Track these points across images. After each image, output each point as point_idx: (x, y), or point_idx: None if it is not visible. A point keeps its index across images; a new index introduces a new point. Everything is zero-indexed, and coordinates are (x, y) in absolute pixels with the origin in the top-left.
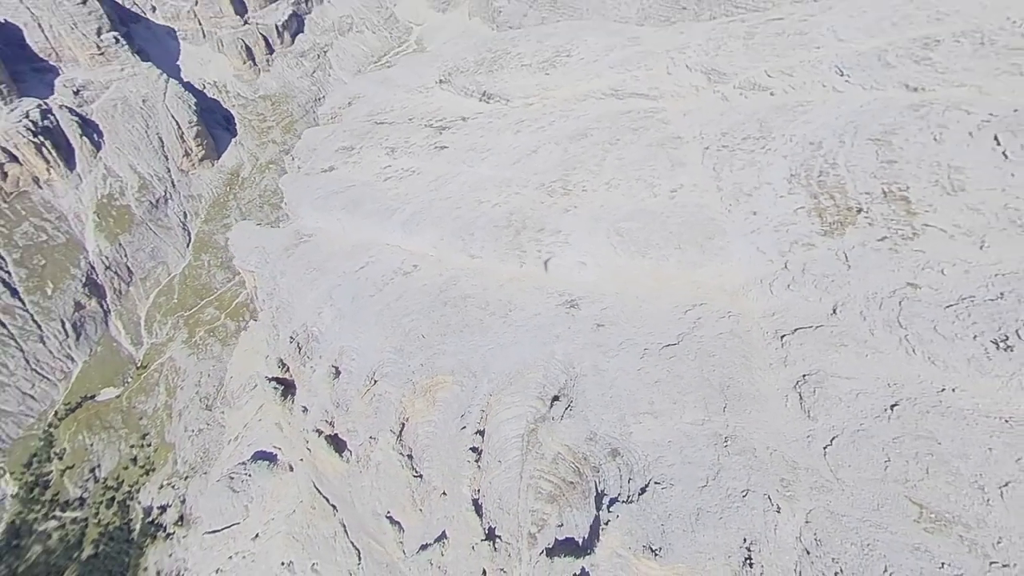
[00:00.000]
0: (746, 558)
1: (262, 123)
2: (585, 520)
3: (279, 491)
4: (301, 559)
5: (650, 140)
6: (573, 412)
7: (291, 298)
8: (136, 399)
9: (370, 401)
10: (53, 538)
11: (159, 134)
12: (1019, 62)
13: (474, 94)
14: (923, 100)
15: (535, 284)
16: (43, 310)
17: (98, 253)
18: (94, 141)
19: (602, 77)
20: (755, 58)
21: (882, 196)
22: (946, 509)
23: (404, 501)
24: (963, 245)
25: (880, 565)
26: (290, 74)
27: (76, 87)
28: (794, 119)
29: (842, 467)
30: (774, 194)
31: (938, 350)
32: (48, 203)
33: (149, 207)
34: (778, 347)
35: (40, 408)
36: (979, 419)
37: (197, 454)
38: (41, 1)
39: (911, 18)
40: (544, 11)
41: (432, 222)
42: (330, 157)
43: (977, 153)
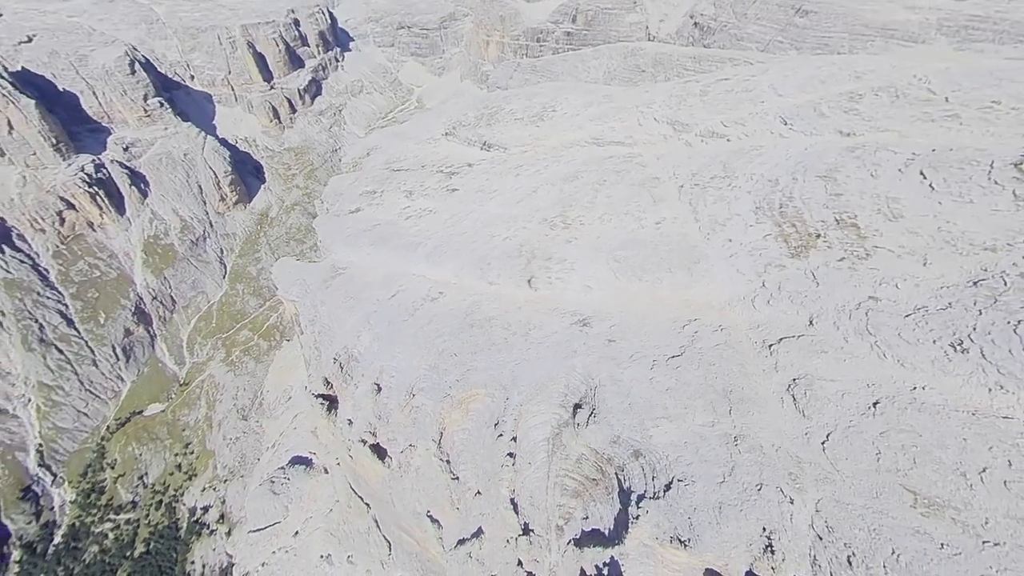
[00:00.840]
0: (767, 545)
1: (287, 171)
2: (609, 513)
3: (315, 492)
4: (338, 552)
5: (632, 180)
6: (597, 418)
7: (331, 324)
8: (179, 412)
9: (409, 413)
10: (109, 538)
11: (198, 182)
12: (929, 111)
13: (476, 144)
14: (856, 143)
15: (549, 306)
16: (96, 337)
17: (145, 286)
18: (141, 190)
19: (584, 128)
20: (711, 111)
21: (835, 223)
22: (936, 495)
23: (443, 501)
24: (909, 263)
25: (888, 547)
26: (310, 129)
27: (126, 144)
28: (751, 161)
29: (840, 460)
30: (744, 224)
31: (905, 353)
32: (101, 244)
33: (190, 245)
34: (767, 355)
35: (93, 424)
36: (950, 413)
37: (235, 459)
38: (95, 72)
39: (835, 77)
40: (526, 74)
41: (452, 254)
42: (356, 200)
43: (908, 186)
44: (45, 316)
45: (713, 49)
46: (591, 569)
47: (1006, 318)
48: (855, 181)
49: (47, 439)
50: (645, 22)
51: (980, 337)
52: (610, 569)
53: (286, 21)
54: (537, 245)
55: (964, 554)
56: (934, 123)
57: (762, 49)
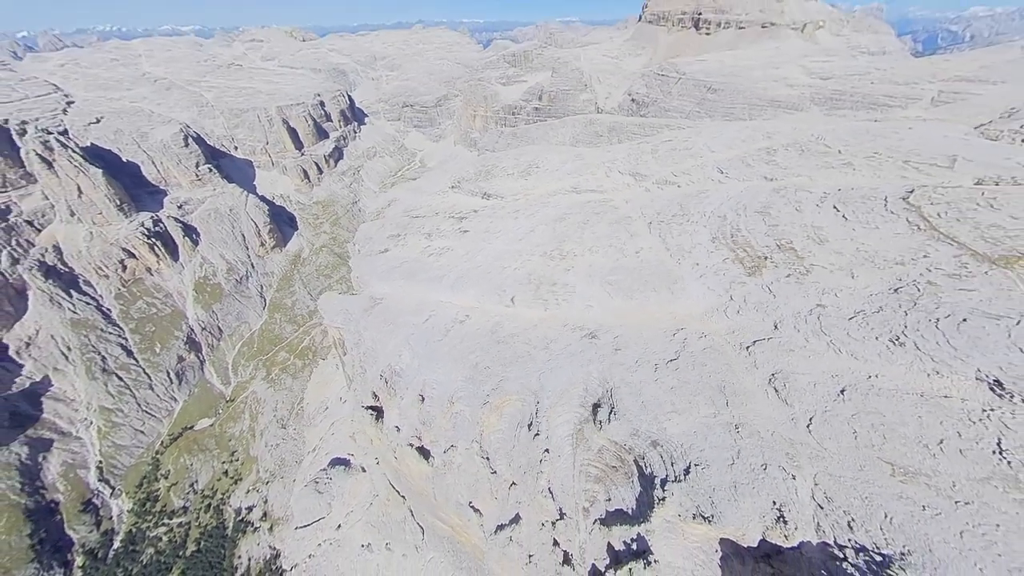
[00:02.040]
0: (778, 517)
1: (316, 220)
2: (631, 495)
3: (355, 489)
4: (377, 540)
5: (609, 219)
6: (618, 415)
7: (375, 346)
8: (226, 425)
9: (450, 419)
10: (163, 540)
11: (242, 232)
12: (828, 160)
13: (478, 194)
14: (779, 186)
15: (560, 323)
16: (152, 365)
17: (196, 319)
18: (193, 239)
19: (564, 180)
20: (662, 164)
21: (777, 247)
22: (908, 464)
23: (483, 493)
24: (840, 276)
25: (880, 512)
26: (335, 186)
27: (180, 203)
28: (701, 202)
29: (825, 440)
30: (706, 251)
31: (856, 349)
32: (157, 285)
33: (235, 283)
34: (746, 355)
35: (149, 440)
36: (903, 396)
37: (275, 463)
38: (154, 146)
39: (752, 137)
40: (508, 140)
41: (472, 283)
42: (383, 242)
43: (826, 217)
44: (107, 349)
45: (649, 118)
46: (619, 544)
47: (927, 317)
48: (785, 214)
49: (107, 456)
50: (594, 99)
51: (911, 333)
52: (638, 544)
53: (313, 102)
54: (542, 273)
55: (943, 513)
56: (834, 169)
57: (684, 117)
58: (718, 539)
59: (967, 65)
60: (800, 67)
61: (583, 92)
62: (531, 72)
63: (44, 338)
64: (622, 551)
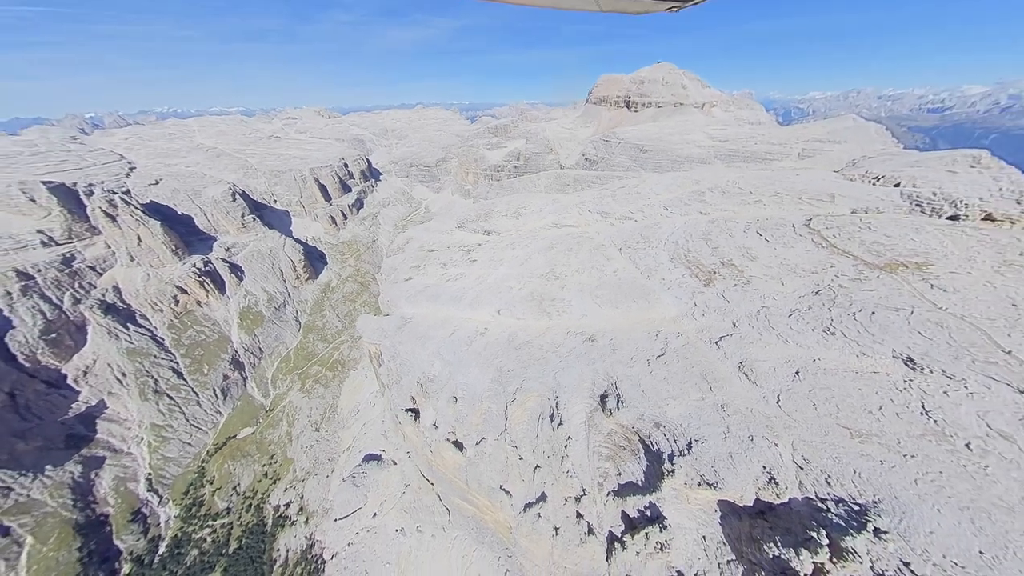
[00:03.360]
0: (769, 479)
1: (342, 256)
2: (639, 469)
3: (387, 480)
4: (409, 524)
5: (589, 247)
6: (625, 403)
7: (409, 357)
8: (266, 432)
9: (480, 415)
10: (207, 542)
11: (280, 268)
12: (744, 198)
13: (479, 231)
14: (712, 219)
15: (563, 330)
16: (200, 384)
17: (240, 343)
18: (239, 276)
19: (547, 218)
20: (620, 204)
21: (721, 264)
22: (860, 428)
23: (512, 476)
24: (774, 284)
25: (850, 469)
26: (357, 229)
27: (227, 247)
28: (656, 232)
29: (793, 412)
30: (668, 269)
31: (799, 339)
32: (206, 316)
33: (274, 310)
34: (717, 348)
35: (195, 451)
36: (843, 373)
37: (310, 462)
38: (206, 201)
39: (684, 184)
40: (497, 190)
41: (487, 302)
42: (406, 272)
43: (752, 240)
44: (160, 373)
45: (600, 171)
46: (633, 512)
47: (846, 311)
48: (722, 239)
49: (156, 468)
50: (558, 159)
51: (838, 324)
52: (651, 511)
53: (339, 164)
54: (543, 291)
55: (897, 466)
56: (749, 205)
57: (626, 170)
58: (717, 501)
59: (818, 130)
60: (704, 133)
61: (549, 154)
62: (509, 140)
63: (101, 366)
64: (636, 518)
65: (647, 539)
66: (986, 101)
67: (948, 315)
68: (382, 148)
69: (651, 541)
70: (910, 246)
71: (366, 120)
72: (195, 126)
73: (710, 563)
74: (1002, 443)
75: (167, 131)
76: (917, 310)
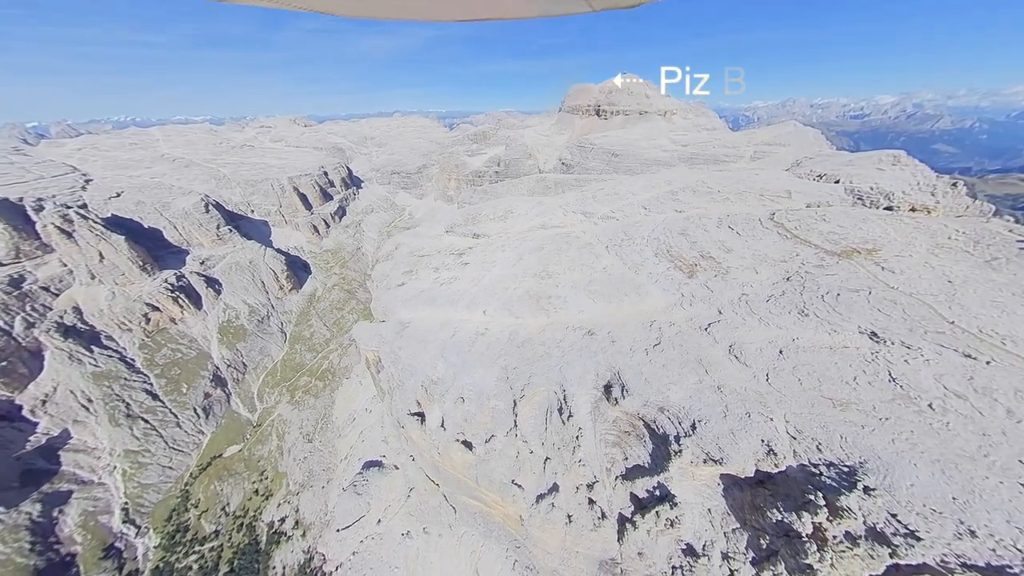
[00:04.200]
0: (768, 451)
1: (326, 264)
2: (645, 452)
3: (390, 485)
4: (416, 527)
5: (577, 246)
6: (629, 392)
7: (411, 361)
8: (254, 448)
9: (488, 413)
10: (193, 570)
11: (261, 279)
12: (713, 196)
13: (469, 235)
14: (688, 215)
15: (562, 326)
16: (179, 404)
17: (221, 358)
18: (216, 289)
19: (534, 220)
20: (602, 205)
21: (701, 257)
22: (840, 397)
23: (524, 470)
24: (749, 273)
25: (836, 435)
26: (341, 237)
27: (202, 260)
28: (637, 230)
29: (782, 388)
30: (653, 263)
31: (778, 321)
32: (182, 333)
33: (257, 323)
34: (707, 334)
35: (177, 474)
36: (819, 350)
37: (304, 475)
38: (176, 213)
39: (657, 185)
40: (480, 195)
41: (483, 303)
42: (399, 278)
43: (726, 234)
44: (132, 396)
45: (577, 175)
46: (642, 493)
47: (815, 294)
48: (699, 234)
49: (132, 497)
50: (537, 164)
51: (810, 306)
52: (659, 491)
53: (319, 173)
54: (538, 290)
55: (876, 429)
56: (719, 203)
57: (600, 173)
58: (719, 475)
59: (765, 135)
60: (668, 139)
61: (528, 159)
62: (489, 147)
63: (62, 394)
64: (645, 498)
65: (658, 517)
66: (895, 109)
67: (899, 293)
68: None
69: (661, 518)
70: (860, 234)
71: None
72: (159, 135)
73: (716, 533)
74: (957, 401)
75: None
76: (874, 290)
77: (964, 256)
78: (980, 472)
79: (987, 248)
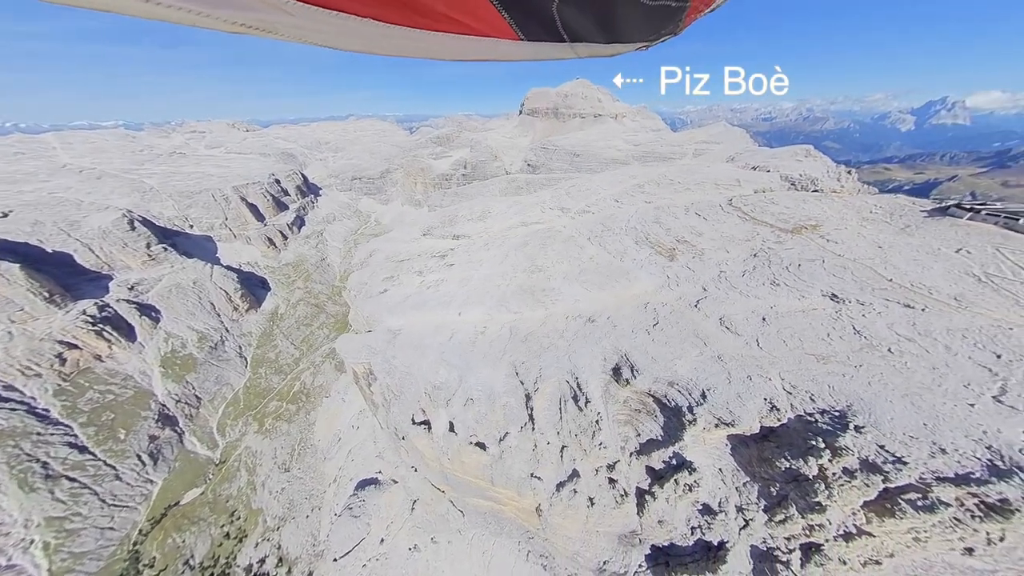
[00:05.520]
0: (771, 408)
1: (288, 279)
2: (656, 426)
3: (390, 500)
4: (423, 539)
5: (560, 240)
6: (639, 371)
7: (409, 369)
8: (219, 488)
9: (500, 410)
10: None
11: (211, 301)
12: (676, 188)
13: (448, 237)
14: (657, 205)
15: (561, 316)
16: (116, 454)
17: (167, 394)
18: (153, 317)
19: (513, 218)
20: (576, 201)
21: (677, 242)
22: (821, 353)
23: (542, 462)
24: (722, 253)
25: (825, 386)
26: (301, 248)
27: (131, 285)
28: (615, 220)
29: (772, 351)
30: (635, 251)
31: (755, 292)
32: (112, 371)
33: (209, 350)
34: (698, 311)
35: (121, 534)
36: (794, 314)
37: (284, 507)
38: (91, 233)
39: (623, 180)
40: (452, 198)
41: (477, 302)
42: (380, 285)
43: (694, 219)
44: (49, 453)
45: (542, 175)
46: (659, 464)
47: (781, 266)
48: (671, 221)
49: (61, 573)
50: (504, 165)
51: (779, 277)
52: (676, 459)
53: (269, 180)
54: (531, 284)
55: (854, 376)
56: (681, 193)
57: (564, 172)
58: (727, 437)
59: (702, 135)
60: (621, 139)
61: (495, 161)
62: (454, 149)
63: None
64: (661, 468)
65: (676, 484)
66: (794, 113)
67: (846, 260)
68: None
69: (680, 485)
70: (803, 213)
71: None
72: (55, 143)
73: (729, 490)
74: (908, 344)
75: (11, 149)
76: (826, 259)
77: (885, 226)
78: (938, 400)
79: (900, 219)
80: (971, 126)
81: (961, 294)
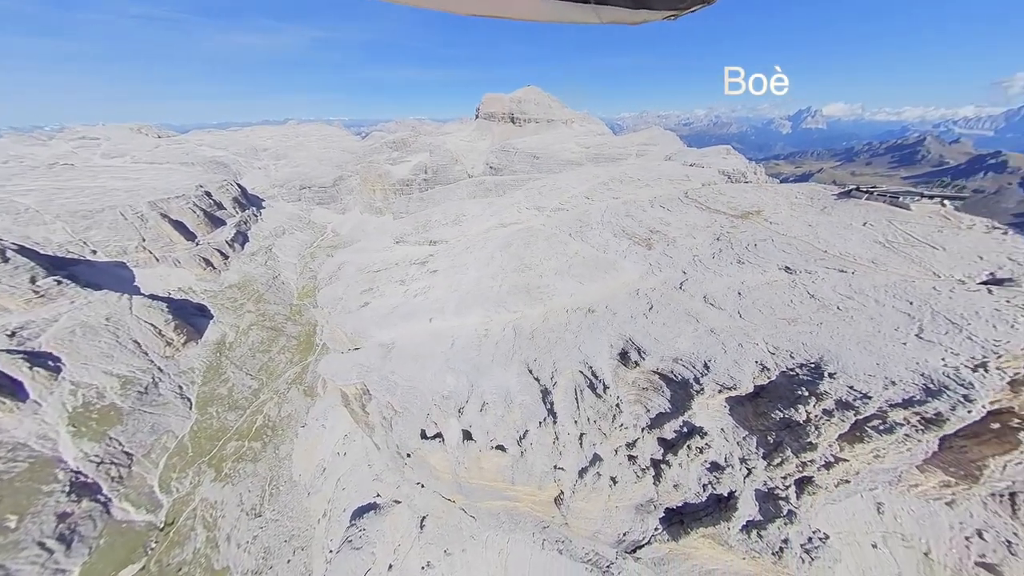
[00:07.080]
0: (762, 368)
1: (235, 303)
2: (664, 401)
3: (395, 523)
4: (436, 555)
5: (542, 238)
6: (647, 353)
7: (411, 383)
8: (168, 556)
9: (517, 409)
10: None
11: (133, 339)
12: (636, 184)
13: (424, 243)
14: (625, 200)
15: (561, 310)
16: (9, 545)
17: (82, 457)
18: (50, 367)
19: (490, 220)
20: (549, 200)
21: (650, 232)
22: (791, 316)
23: (565, 452)
24: (691, 240)
25: (799, 343)
26: (247, 267)
27: (11, 331)
28: (589, 216)
29: (753, 320)
30: (615, 243)
31: (726, 271)
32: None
33: (137, 396)
34: (683, 292)
35: None
36: (762, 287)
37: (257, 558)
38: None
39: (588, 179)
40: (416, 203)
41: (472, 306)
42: (359, 298)
43: (659, 212)
44: None
45: (505, 177)
46: (670, 435)
47: (743, 247)
48: (640, 214)
49: None
50: (465, 169)
51: (743, 256)
52: (686, 428)
53: (198, 194)
54: (524, 283)
55: (819, 333)
56: (642, 188)
57: (526, 174)
58: (725, 399)
59: (641, 138)
60: (574, 143)
61: (456, 165)
62: (411, 154)
63: None
64: (673, 438)
65: (689, 449)
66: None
67: (790, 238)
68: (256, 170)
69: (692, 449)
70: (746, 201)
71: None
72: None
73: (732, 445)
74: (850, 302)
75: None
76: (774, 239)
77: (809, 208)
78: (881, 343)
79: (819, 201)
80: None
81: (875, 257)
